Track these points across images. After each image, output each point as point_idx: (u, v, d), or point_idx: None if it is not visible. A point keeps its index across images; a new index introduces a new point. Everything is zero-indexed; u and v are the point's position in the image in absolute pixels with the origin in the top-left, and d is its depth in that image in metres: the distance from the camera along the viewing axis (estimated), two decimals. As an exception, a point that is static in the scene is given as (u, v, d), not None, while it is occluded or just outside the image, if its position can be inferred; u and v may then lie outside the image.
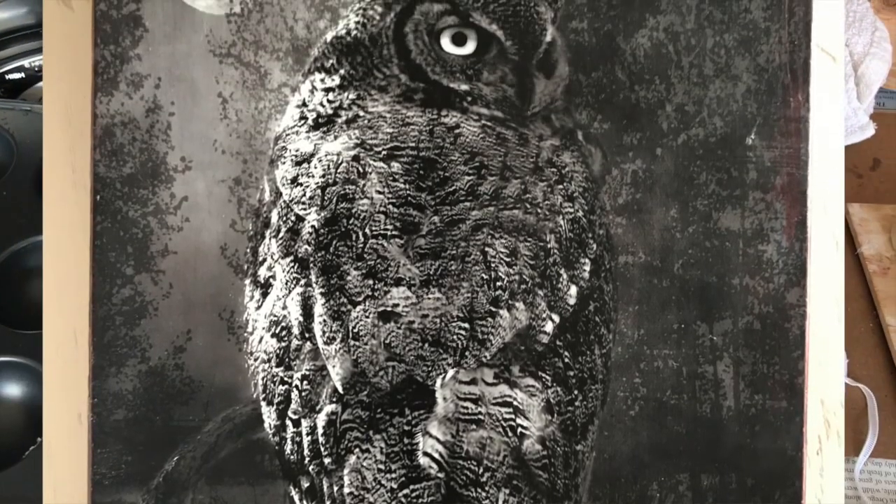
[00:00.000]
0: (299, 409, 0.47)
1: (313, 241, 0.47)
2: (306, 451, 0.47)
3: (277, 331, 0.48)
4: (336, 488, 0.46)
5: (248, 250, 0.50)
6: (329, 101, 0.49)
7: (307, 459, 0.47)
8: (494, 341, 0.46)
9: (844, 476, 0.53)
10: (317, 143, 0.48)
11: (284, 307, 0.47)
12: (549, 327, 0.47)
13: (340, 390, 0.46)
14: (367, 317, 0.46)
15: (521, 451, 0.46)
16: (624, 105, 0.51)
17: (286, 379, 0.47)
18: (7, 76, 0.85)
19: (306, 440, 0.47)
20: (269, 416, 0.48)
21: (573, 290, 0.48)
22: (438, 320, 0.46)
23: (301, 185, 0.48)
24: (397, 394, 0.46)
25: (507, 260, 0.46)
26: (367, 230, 0.46)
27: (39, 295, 0.52)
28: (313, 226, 0.47)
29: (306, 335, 0.47)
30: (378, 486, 0.45)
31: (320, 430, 0.46)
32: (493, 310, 0.46)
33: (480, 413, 0.46)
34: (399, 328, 0.46)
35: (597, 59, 0.51)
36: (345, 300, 0.46)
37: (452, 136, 0.48)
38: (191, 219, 0.51)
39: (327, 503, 0.46)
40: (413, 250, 0.46)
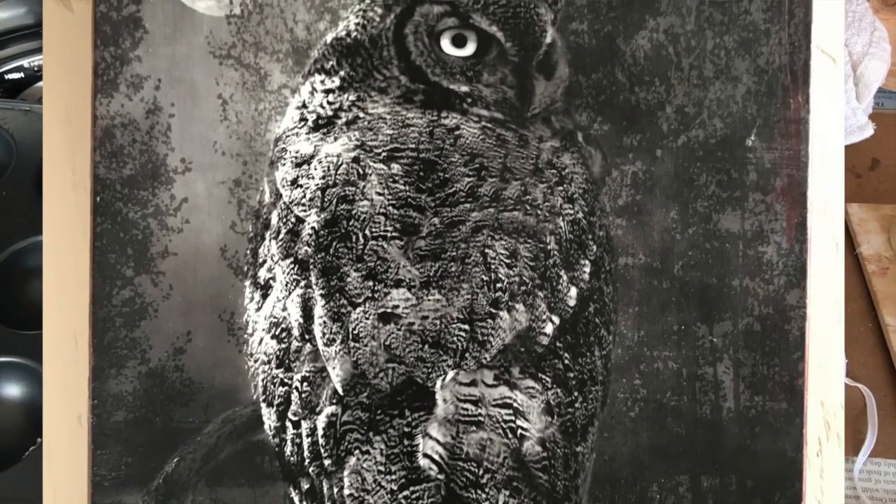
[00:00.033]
0: (299, 410, 0.47)
1: (313, 243, 0.47)
2: (306, 453, 0.47)
3: (277, 332, 0.48)
4: (336, 490, 0.46)
5: (248, 252, 0.50)
6: (329, 103, 0.49)
7: (307, 461, 0.47)
8: (494, 343, 0.46)
9: (844, 476, 0.53)
10: (317, 144, 0.48)
11: (284, 309, 0.47)
12: (549, 329, 0.47)
13: (340, 392, 0.46)
14: (367, 318, 0.46)
15: (521, 453, 0.46)
16: (624, 106, 0.51)
17: (286, 380, 0.47)
18: (6, 76, 0.85)
19: (306, 442, 0.47)
20: (269, 417, 0.48)
21: (573, 291, 0.48)
22: (438, 322, 0.46)
23: (301, 186, 0.48)
24: (397, 395, 0.46)
25: (507, 261, 0.46)
26: (367, 232, 0.46)
27: (39, 295, 0.52)
28: (313, 227, 0.47)
29: (306, 337, 0.47)
30: (378, 488, 0.45)
31: (320, 432, 0.46)
32: (493, 311, 0.46)
33: (480, 415, 0.46)
34: (399, 330, 0.46)
35: (597, 60, 0.51)
36: (345, 302, 0.46)
37: (452, 137, 0.48)
38: (191, 220, 0.51)
39: (327, 504, 0.46)
40: (413, 252, 0.46)
